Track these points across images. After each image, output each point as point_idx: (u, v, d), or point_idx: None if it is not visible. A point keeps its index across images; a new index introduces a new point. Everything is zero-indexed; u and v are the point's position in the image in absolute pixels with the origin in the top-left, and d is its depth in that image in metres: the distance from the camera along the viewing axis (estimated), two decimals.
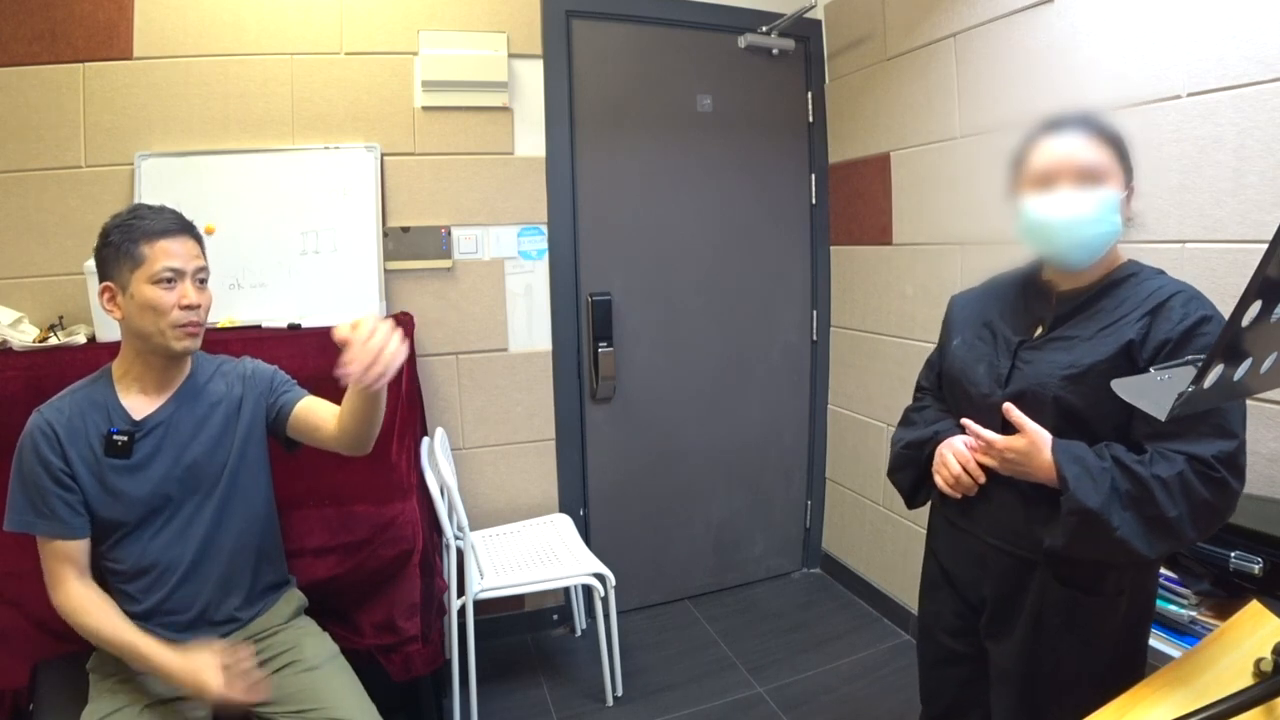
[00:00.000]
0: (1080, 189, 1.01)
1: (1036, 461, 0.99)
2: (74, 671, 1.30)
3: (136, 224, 1.20)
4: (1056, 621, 1.05)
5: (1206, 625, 1.21)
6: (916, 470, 1.24)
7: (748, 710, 2.01)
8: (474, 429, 2.29)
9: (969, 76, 1.99)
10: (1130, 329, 0.99)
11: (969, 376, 1.15)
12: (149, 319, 1.19)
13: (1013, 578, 1.10)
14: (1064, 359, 1.03)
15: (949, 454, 1.13)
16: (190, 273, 1.22)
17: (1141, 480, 0.92)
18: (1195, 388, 0.61)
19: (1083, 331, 1.04)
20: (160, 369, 1.27)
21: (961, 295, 1.31)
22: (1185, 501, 0.92)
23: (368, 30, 2.08)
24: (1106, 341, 1.01)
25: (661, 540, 2.60)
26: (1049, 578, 1.05)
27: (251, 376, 1.38)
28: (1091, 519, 0.93)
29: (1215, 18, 1.39)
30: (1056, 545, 0.98)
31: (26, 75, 1.84)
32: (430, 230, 2.17)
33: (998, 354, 1.13)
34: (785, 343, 2.70)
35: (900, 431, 1.29)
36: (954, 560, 1.23)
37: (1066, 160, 1.02)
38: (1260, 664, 0.76)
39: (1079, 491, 0.94)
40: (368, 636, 1.64)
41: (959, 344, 1.21)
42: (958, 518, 1.19)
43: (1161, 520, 0.92)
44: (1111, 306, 1.04)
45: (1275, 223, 0.72)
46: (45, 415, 1.20)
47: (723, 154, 2.53)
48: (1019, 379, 1.07)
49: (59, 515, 1.18)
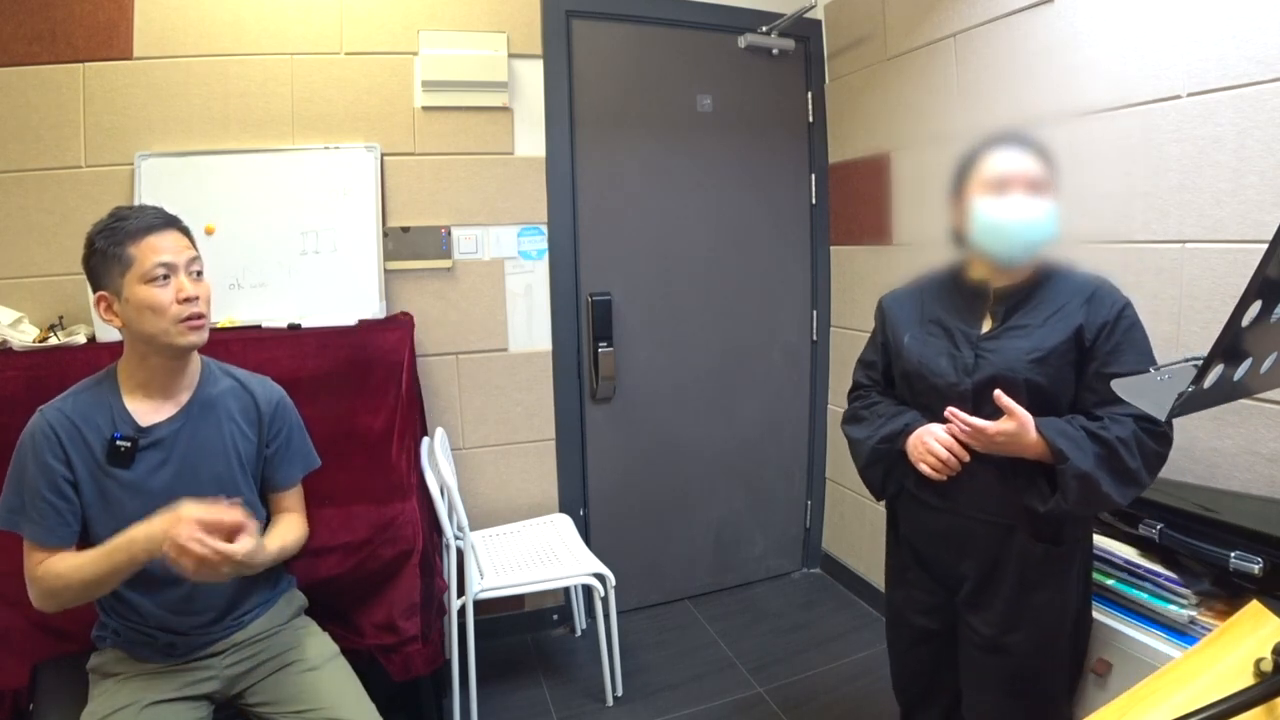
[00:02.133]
0: (1031, 196, 1.13)
1: (1025, 440, 1.10)
2: (74, 671, 1.30)
3: (119, 226, 1.17)
4: (1035, 576, 1.19)
5: (1206, 625, 1.20)
6: (888, 463, 1.32)
7: (748, 710, 2.01)
8: (474, 429, 2.29)
9: (969, 76, 1.99)
10: (1076, 315, 1.15)
11: (932, 369, 1.24)
12: (149, 320, 1.16)
13: (995, 545, 1.22)
14: (1025, 345, 1.16)
15: (931, 440, 1.20)
16: (183, 265, 1.19)
17: (1108, 442, 1.08)
18: (1195, 388, 0.61)
19: (1033, 320, 1.17)
20: (166, 371, 1.24)
21: (891, 295, 1.39)
22: (1140, 455, 1.09)
23: (368, 30, 2.08)
24: (1058, 327, 1.15)
25: (661, 540, 2.60)
26: (1026, 539, 1.18)
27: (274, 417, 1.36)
28: (1086, 480, 1.07)
29: (1215, 18, 1.39)
30: (1064, 506, 1.10)
31: (26, 75, 1.84)
32: (430, 230, 2.17)
33: (957, 346, 1.23)
34: (785, 343, 2.70)
35: (859, 429, 1.37)
36: (929, 542, 1.32)
37: (1019, 171, 1.14)
38: (1260, 664, 0.75)
39: (1076, 459, 1.07)
40: (368, 636, 1.64)
41: (911, 340, 1.29)
42: (937, 500, 1.26)
43: (1127, 472, 1.08)
44: (1050, 297, 1.18)
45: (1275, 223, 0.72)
46: (48, 416, 1.18)
47: (723, 154, 2.53)
48: (986, 366, 1.18)
49: (47, 521, 1.15)
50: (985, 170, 1.17)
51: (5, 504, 1.17)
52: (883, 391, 1.40)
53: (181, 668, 1.24)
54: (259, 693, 1.30)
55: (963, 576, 1.26)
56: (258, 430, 1.34)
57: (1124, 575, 1.33)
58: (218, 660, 1.28)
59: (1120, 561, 1.34)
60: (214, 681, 1.26)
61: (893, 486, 1.34)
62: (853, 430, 1.38)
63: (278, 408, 1.38)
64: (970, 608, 1.26)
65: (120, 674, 1.23)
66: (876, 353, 1.41)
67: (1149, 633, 1.26)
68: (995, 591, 1.22)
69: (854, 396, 1.44)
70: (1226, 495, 1.36)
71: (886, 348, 1.37)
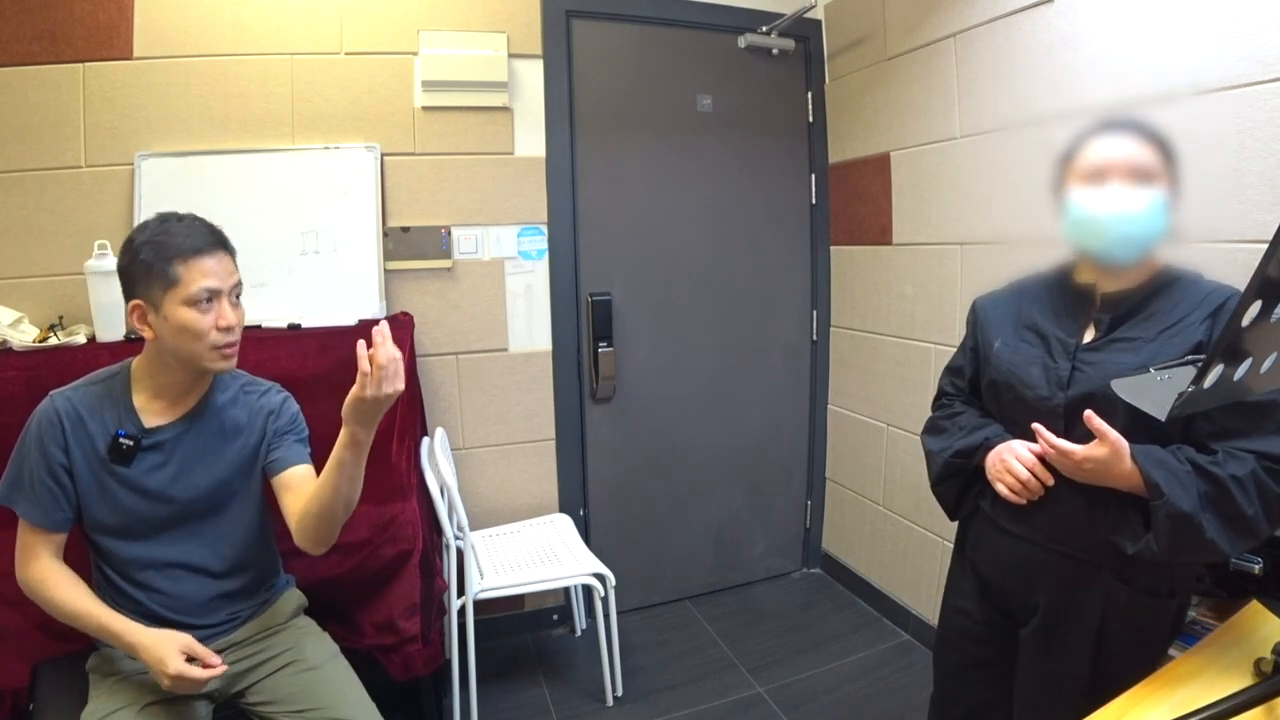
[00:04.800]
0: (1132, 186, 1.01)
1: (1117, 469, 0.97)
2: (74, 671, 1.30)
3: (168, 241, 1.13)
4: (1118, 625, 1.05)
5: (1206, 625, 1.20)
6: (963, 479, 1.21)
7: (748, 710, 2.01)
8: (474, 429, 2.29)
9: (969, 76, 1.99)
10: (1196, 331, 0.99)
11: (1022, 379, 1.12)
12: (184, 341, 1.15)
13: (1074, 582, 1.09)
14: (1132, 361, 1.01)
15: (1012, 459, 1.09)
16: (227, 291, 1.18)
17: (1219, 481, 0.93)
18: (1195, 388, 0.61)
19: (1144, 333, 1.03)
20: (183, 383, 1.25)
21: (987, 298, 1.28)
22: (1260, 499, 0.93)
23: (368, 30, 2.08)
24: (1173, 343, 1.00)
25: (661, 540, 2.60)
26: (1114, 581, 1.05)
27: (274, 418, 1.34)
28: (1185, 522, 0.93)
29: (1215, 18, 1.39)
30: (1155, 549, 0.96)
31: (26, 75, 1.83)
32: (430, 230, 2.17)
33: (1052, 356, 1.10)
34: (785, 343, 2.70)
35: (936, 440, 1.25)
36: (999, 569, 1.20)
37: (1120, 158, 1.02)
38: (1260, 664, 0.76)
39: (1174, 496, 0.93)
40: (368, 636, 1.64)
41: (1002, 346, 1.17)
42: (1012, 524, 1.15)
43: (1240, 518, 0.93)
44: (1166, 309, 1.03)
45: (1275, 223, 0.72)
46: (57, 403, 1.19)
47: (723, 154, 2.53)
48: (1083, 381, 1.05)
49: (42, 503, 1.17)
50: (1084, 158, 1.05)
51: (6, 479, 1.19)
52: (968, 402, 1.27)
53: None
54: (259, 692, 1.30)
55: (1032, 609, 1.14)
56: (260, 435, 1.34)
57: None
58: None
59: None
60: (214, 681, 1.26)
61: (967, 507, 1.23)
62: (929, 441, 1.26)
63: (282, 409, 1.38)
64: (1036, 645, 1.14)
65: (120, 674, 1.23)
66: (965, 359, 1.28)
67: None
68: (1068, 633, 1.09)
69: (937, 405, 1.32)
70: None
71: (976, 354, 1.25)
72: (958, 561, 1.31)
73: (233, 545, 1.32)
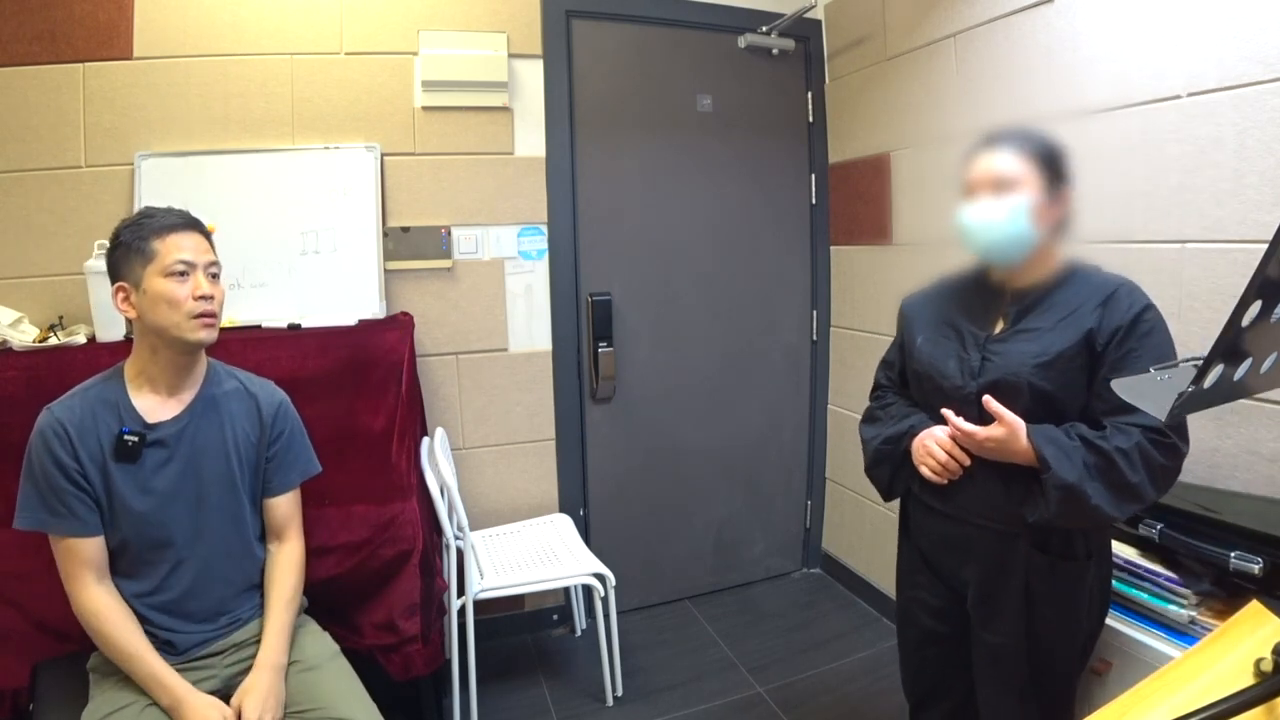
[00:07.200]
0: (993, 197, 1.12)
1: (1014, 446, 1.09)
2: (74, 671, 1.30)
3: (146, 222, 1.22)
4: (1043, 589, 1.15)
5: (1206, 625, 1.20)
6: (893, 464, 1.31)
7: (748, 710, 2.01)
8: (474, 429, 2.29)
9: (969, 76, 1.99)
10: (1088, 319, 1.10)
11: (940, 370, 1.23)
12: (164, 312, 1.19)
13: (998, 553, 1.19)
14: (1032, 349, 1.13)
15: (931, 444, 1.20)
16: (201, 265, 1.24)
17: (1105, 453, 1.04)
18: (1195, 388, 0.61)
19: (1044, 323, 1.14)
20: (175, 367, 1.27)
21: (912, 297, 1.39)
22: (1145, 467, 1.03)
23: (368, 30, 2.08)
24: (1068, 331, 1.11)
25: (661, 540, 2.60)
26: (1032, 549, 1.15)
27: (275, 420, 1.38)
28: (1070, 490, 1.04)
29: (1215, 18, 1.39)
30: (1046, 516, 1.08)
31: (26, 75, 1.84)
32: (430, 230, 2.17)
33: (965, 349, 1.21)
34: (785, 343, 2.70)
35: (870, 429, 1.37)
36: (933, 546, 1.31)
37: (986, 172, 1.14)
38: (1260, 664, 0.75)
39: (1059, 469, 1.04)
40: (368, 636, 1.64)
41: (924, 341, 1.28)
42: (939, 503, 1.26)
43: (1126, 486, 1.03)
44: (1065, 299, 1.14)
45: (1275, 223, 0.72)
46: (56, 414, 1.20)
47: (723, 154, 2.53)
48: (991, 370, 1.16)
49: (76, 513, 1.17)
50: (965, 175, 1.18)
51: (26, 505, 1.18)
52: (899, 392, 1.39)
53: (181, 668, 1.24)
54: None
55: (966, 582, 1.25)
56: (259, 432, 1.36)
57: (1124, 575, 1.33)
58: (217, 660, 1.29)
59: (1120, 562, 1.34)
60: (214, 681, 1.27)
61: (899, 488, 1.34)
62: (864, 430, 1.38)
63: (279, 411, 1.40)
64: (977, 615, 1.24)
65: (120, 674, 1.23)
66: (895, 354, 1.41)
67: (1149, 633, 1.26)
68: (1001, 601, 1.19)
69: (874, 396, 1.44)
70: (1226, 495, 1.36)
71: (904, 349, 1.36)
72: (903, 542, 1.41)
73: (233, 545, 1.32)
